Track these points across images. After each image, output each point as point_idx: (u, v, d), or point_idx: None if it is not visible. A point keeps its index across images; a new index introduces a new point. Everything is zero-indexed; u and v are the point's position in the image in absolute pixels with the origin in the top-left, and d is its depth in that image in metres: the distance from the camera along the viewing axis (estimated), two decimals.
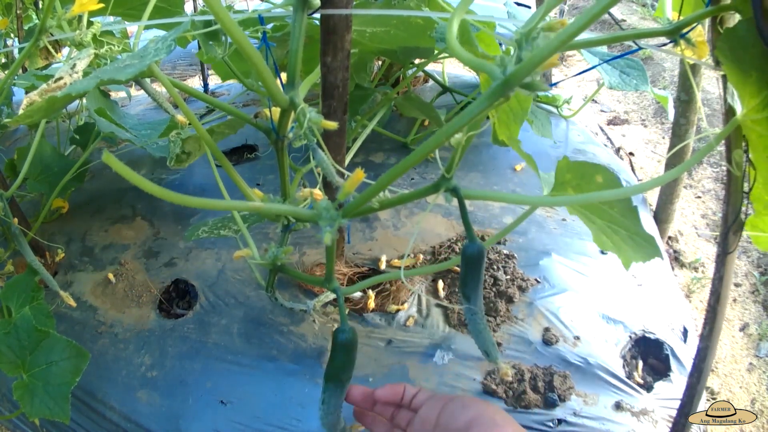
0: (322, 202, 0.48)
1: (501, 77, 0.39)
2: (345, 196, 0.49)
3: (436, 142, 0.47)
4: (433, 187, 0.54)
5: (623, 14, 4.53)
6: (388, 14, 1.01)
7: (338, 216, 0.49)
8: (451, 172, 0.54)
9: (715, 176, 2.46)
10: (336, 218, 0.48)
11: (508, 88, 0.39)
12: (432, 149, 0.48)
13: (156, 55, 0.58)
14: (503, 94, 0.40)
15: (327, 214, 0.48)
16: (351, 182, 0.48)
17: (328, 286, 0.67)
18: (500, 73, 0.39)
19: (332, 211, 0.48)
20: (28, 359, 0.99)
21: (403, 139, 1.79)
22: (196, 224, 1.18)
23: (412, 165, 0.51)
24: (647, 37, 0.52)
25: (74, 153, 1.80)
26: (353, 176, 0.47)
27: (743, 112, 0.55)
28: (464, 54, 0.42)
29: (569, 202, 0.76)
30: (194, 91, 0.86)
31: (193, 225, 1.21)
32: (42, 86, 0.63)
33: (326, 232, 0.47)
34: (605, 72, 1.42)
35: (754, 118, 0.54)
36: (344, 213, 0.50)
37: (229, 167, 0.79)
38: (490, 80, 0.43)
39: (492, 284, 1.25)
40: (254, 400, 1.11)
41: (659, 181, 0.55)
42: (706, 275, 1.92)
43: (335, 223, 0.48)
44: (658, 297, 1.29)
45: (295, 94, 0.62)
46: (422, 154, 0.50)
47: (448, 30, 0.45)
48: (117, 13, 1.39)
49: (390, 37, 1.16)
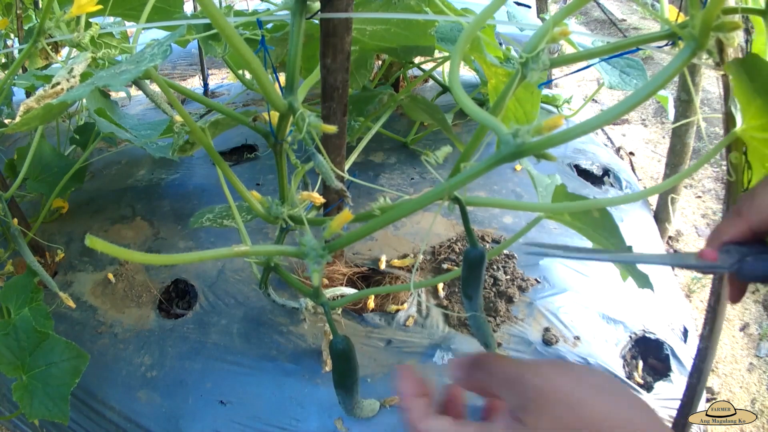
0: (309, 240, 0.47)
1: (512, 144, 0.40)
2: (330, 234, 0.48)
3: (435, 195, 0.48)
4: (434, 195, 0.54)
5: (623, 14, 4.52)
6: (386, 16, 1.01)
7: (325, 254, 0.48)
8: None
9: (716, 176, 2.46)
10: (323, 256, 0.47)
11: (517, 156, 0.41)
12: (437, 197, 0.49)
13: (152, 60, 0.58)
14: (510, 160, 0.41)
15: (314, 253, 0.47)
16: (337, 222, 0.47)
17: (317, 300, 0.67)
18: (512, 139, 0.40)
19: (319, 250, 0.47)
20: (27, 360, 0.99)
21: (404, 138, 1.79)
22: (200, 211, 1.18)
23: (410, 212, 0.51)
24: (647, 42, 0.52)
25: (74, 153, 1.80)
26: (340, 217, 0.46)
27: (743, 127, 0.56)
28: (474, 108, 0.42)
29: (568, 209, 0.76)
30: (190, 93, 0.86)
31: (197, 212, 1.20)
32: (39, 92, 0.62)
33: (314, 272, 0.47)
34: (605, 72, 1.42)
35: (754, 135, 0.55)
36: (331, 248, 0.49)
37: (226, 169, 0.79)
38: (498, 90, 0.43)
39: (492, 284, 1.25)
40: (254, 400, 1.11)
41: (658, 189, 0.55)
42: (706, 275, 1.92)
43: (323, 260, 0.48)
44: (658, 297, 1.29)
45: (294, 99, 0.61)
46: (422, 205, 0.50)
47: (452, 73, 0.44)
48: (116, 14, 1.39)
49: (390, 35, 1.16)
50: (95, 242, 0.34)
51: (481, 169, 0.44)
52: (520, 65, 0.44)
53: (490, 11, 0.45)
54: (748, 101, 0.55)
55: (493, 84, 0.84)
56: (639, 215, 1.58)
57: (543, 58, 0.42)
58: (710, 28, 0.41)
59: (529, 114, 0.78)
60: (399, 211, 0.50)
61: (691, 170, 0.54)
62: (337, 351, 0.67)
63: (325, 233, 0.48)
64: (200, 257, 0.45)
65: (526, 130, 0.39)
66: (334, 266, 1.26)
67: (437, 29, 1.09)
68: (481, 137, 0.57)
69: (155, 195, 1.70)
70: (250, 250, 0.48)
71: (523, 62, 0.44)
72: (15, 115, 1.81)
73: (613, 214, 0.77)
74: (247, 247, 0.47)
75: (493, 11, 0.45)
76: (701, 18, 0.41)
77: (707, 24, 0.41)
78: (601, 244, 0.81)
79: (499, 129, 0.40)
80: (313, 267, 0.48)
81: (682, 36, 0.42)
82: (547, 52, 0.43)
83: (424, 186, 1.61)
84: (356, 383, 0.76)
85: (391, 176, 1.66)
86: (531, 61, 0.43)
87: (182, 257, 0.43)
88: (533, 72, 0.43)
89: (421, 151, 1.75)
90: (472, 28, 0.45)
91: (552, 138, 0.40)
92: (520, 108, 0.83)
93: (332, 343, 0.67)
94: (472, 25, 0.45)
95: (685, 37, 0.42)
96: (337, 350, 0.67)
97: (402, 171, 1.68)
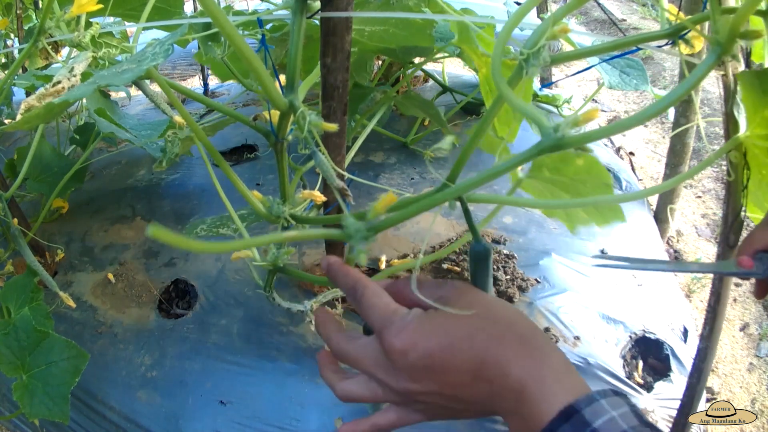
0: (353, 222, 0.48)
1: (553, 136, 0.42)
2: (374, 216, 0.49)
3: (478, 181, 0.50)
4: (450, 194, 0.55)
5: (623, 14, 4.53)
6: (387, 15, 1.01)
7: (371, 234, 0.49)
8: (454, 180, 0.55)
9: (716, 176, 2.46)
10: (368, 237, 0.48)
11: (557, 149, 0.42)
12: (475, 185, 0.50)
13: (153, 59, 0.58)
14: (550, 152, 0.43)
15: (359, 234, 0.48)
16: (382, 204, 0.48)
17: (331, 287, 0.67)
18: (552, 132, 0.42)
19: (363, 231, 0.48)
20: (27, 360, 0.99)
21: (403, 139, 1.79)
22: (194, 222, 1.18)
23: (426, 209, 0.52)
24: (647, 41, 0.52)
25: (74, 153, 1.80)
26: (385, 199, 0.47)
27: (747, 134, 0.57)
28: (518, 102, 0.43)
29: (564, 206, 0.76)
30: (190, 93, 0.86)
31: (191, 223, 1.21)
32: (40, 90, 0.62)
33: (359, 252, 0.48)
34: (605, 72, 1.42)
35: (756, 143, 0.56)
36: (376, 229, 0.50)
37: (228, 169, 0.79)
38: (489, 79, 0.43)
39: (492, 284, 1.25)
40: (254, 400, 1.11)
41: (658, 189, 0.56)
42: (706, 275, 1.92)
43: (367, 242, 0.49)
44: (658, 297, 1.29)
45: (295, 97, 0.61)
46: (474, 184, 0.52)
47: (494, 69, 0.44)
48: (116, 14, 1.38)
49: (389, 36, 1.16)
50: (158, 232, 0.33)
51: (520, 160, 0.46)
52: (521, 61, 0.45)
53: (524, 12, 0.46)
54: (756, 110, 0.56)
55: (484, 73, 0.84)
56: (639, 215, 1.58)
57: (544, 54, 0.43)
58: (737, 35, 0.42)
59: None
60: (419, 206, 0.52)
61: (693, 173, 0.54)
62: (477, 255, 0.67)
63: (369, 215, 0.49)
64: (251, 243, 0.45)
65: (565, 123, 0.41)
66: None
67: (436, 29, 1.09)
68: (480, 135, 0.57)
69: (155, 195, 1.70)
70: (298, 235, 0.48)
71: (524, 58, 0.44)
72: (15, 115, 1.80)
73: None
74: (296, 231, 0.48)
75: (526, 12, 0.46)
76: (730, 24, 0.42)
77: (735, 31, 0.42)
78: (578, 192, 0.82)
79: (541, 122, 0.42)
80: (359, 248, 0.49)
81: (710, 41, 0.43)
82: (547, 49, 0.43)
83: (424, 186, 1.61)
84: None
85: (391, 176, 1.66)
86: (532, 57, 0.44)
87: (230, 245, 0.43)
88: (533, 67, 0.44)
89: (421, 151, 1.75)
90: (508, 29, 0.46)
91: (592, 133, 0.42)
92: None
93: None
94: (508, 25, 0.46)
95: (711, 43, 0.43)
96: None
97: (402, 171, 1.68)
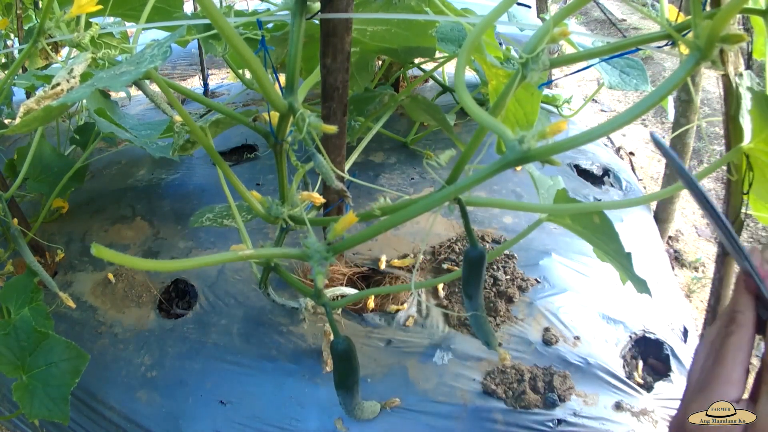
0: (313, 242, 0.47)
1: (518, 149, 0.40)
2: (334, 236, 0.48)
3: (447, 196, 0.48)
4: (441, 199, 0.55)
5: (623, 14, 4.52)
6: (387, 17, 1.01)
7: (329, 256, 0.48)
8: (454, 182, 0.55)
9: (716, 176, 2.45)
10: (327, 258, 0.47)
11: (522, 162, 0.41)
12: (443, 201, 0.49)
13: (152, 61, 0.58)
14: (515, 165, 0.41)
15: (318, 255, 0.47)
16: (342, 225, 0.47)
17: (318, 301, 0.67)
18: (517, 144, 0.40)
19: (323, 252, 0.47)
20: (27, 360, 0.99)
21: (404, 138, 1.79)
22: (201, 210, 1.18)
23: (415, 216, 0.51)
24: (647, 42, 0.52)
25: (74, 153, 1.80)
26: (344, 219, 0.46)
27: (751, 145, 0.57)
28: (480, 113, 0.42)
29: (569, 210, 0.76)
30: (190, 93, 0.86)
31: (197, 212, 1.20)
32: (39, 93, 0.62)
33: (317, 274, 0.47)
34: (605, 72, 1.42)
35: (760, 157, 0.56)
36: (335, 250, 0.49)
37: (226, 169, 0.79)
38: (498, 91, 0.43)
39: (492, 284, 1.25)
40: (254, 400, 1.11)
41: (660, 195, 0.55)
42: (706, 275, 1.92)
43: (326, 263, 0.48)
44: (658, 297, 1.29)
45: (294, 99, 0.61)
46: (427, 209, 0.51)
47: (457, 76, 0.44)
48: (116, 14, 1.39)
49: (391, 36, 1.16)
50: (101, 251, 0.33)
51: (487, 174, 0.45)
52: (520, 65, 0.44)
53: (497, 14, 0.45)
54: (763, 125, 0.56)
55: (493, 85, 0.84)
56: (639, 215, 1.58)
57: (543, 58, 0.43)
58: (716, 40, 0.41)
59: (530, 115, 0.78)
60: (404, 214, 0.51)
61: None
62: (338, 351, 0.68)
63: (329, 235, 0.48)
64: (202, 262, 0.45)
65: (531, 135, 0.39)
66: (334, 266, 1.26)
67: (438, 29, 1.09)
68: (481, 138, 0.57)
69: (155, 195, 1.70)
70: (253, 254, 0.47)
71: (523, 62, 0.44)
72: (15, 115, 1.81)
73: (613, 213, 0.77)
74: (250, 250, 0.47)
75: (499, 14, 0.45)
76: (708, 30, 0.41)
77: (713, 37, 0.41)
78: (601, 248, 0.81)
79: (505, 135, 0.41)
80: (317, 269, 0.48)
81: (687, 45, 0.42)
82: (547, 53, 0.43)
83: (424, 186, 1.61)
84: (357, 384, 0.76)
85: (391, 176, 1.65)
86: (531, 62, 0.43)
87: (184, 263, 0.43)
88: (533, 72, 0.44)
89: (421, 151, 1.75)
90: (478, 31, 0.44)
91: (558, 144, 0.40)
92: (520, 109, 0.83)
93: (333, 344, 0.67)
94: (478, 27, 0.45)
95: (690, 47, 0.42)
96: (339, 350, 0.68)
97: (402, 171, 1.68)
